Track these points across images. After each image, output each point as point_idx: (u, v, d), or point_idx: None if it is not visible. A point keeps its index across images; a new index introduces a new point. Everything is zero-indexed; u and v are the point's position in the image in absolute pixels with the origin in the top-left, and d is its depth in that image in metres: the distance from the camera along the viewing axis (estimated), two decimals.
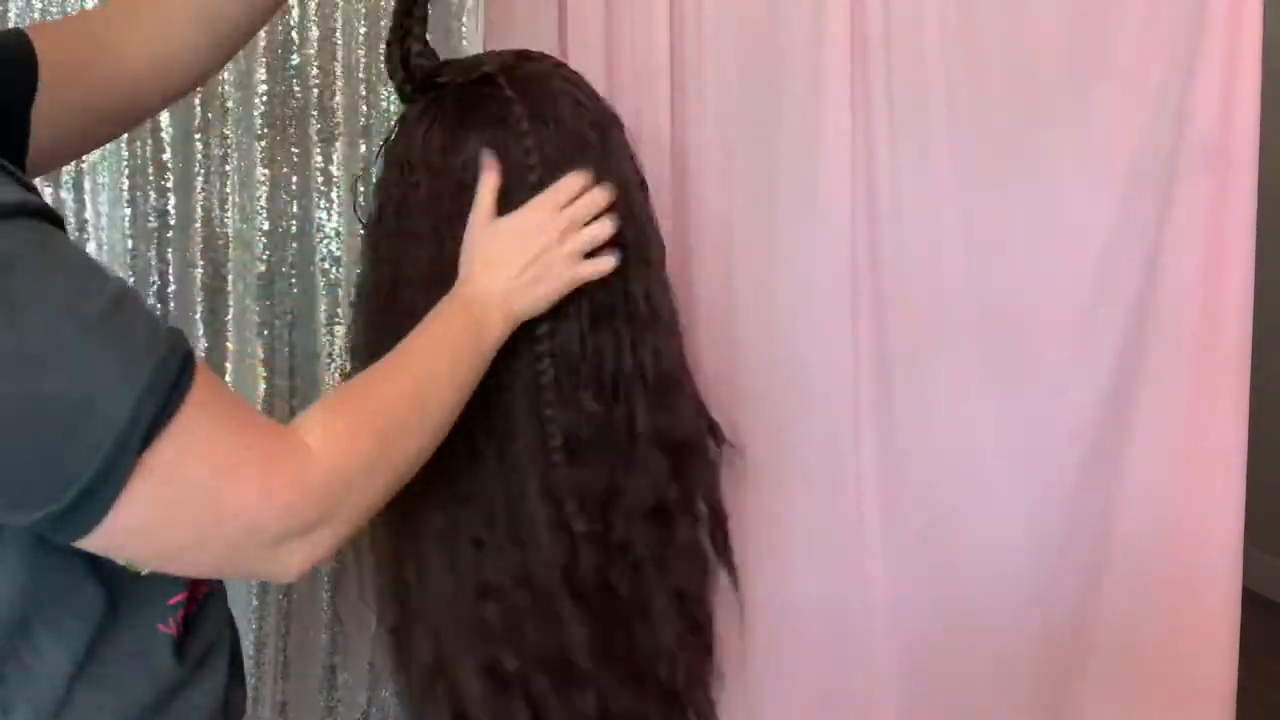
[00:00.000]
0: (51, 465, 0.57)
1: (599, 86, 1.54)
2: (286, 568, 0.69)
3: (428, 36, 1.00)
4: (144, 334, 0.61)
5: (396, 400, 0.78)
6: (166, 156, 1.57)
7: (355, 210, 1.09)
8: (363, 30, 1.59)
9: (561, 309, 0.94)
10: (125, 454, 0.59)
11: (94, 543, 0.61)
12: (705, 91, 1.60)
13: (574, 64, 1.56)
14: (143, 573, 0.71)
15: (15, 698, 0.66)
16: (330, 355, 1.63)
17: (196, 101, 1.56)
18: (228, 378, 1.59)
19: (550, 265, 0.91)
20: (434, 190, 0.95)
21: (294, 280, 1.61)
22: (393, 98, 1.53)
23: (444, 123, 0.95)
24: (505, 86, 0.96)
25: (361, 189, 1.22)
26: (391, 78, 1.00)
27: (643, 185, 1.07)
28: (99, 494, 0.59)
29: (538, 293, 0.91)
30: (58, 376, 0.57)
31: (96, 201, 1.56)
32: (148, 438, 0.59)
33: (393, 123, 1.02)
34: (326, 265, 1.61)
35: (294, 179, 1.59)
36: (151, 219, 1.57)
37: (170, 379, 0.61)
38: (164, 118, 1.55)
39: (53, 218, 0.61)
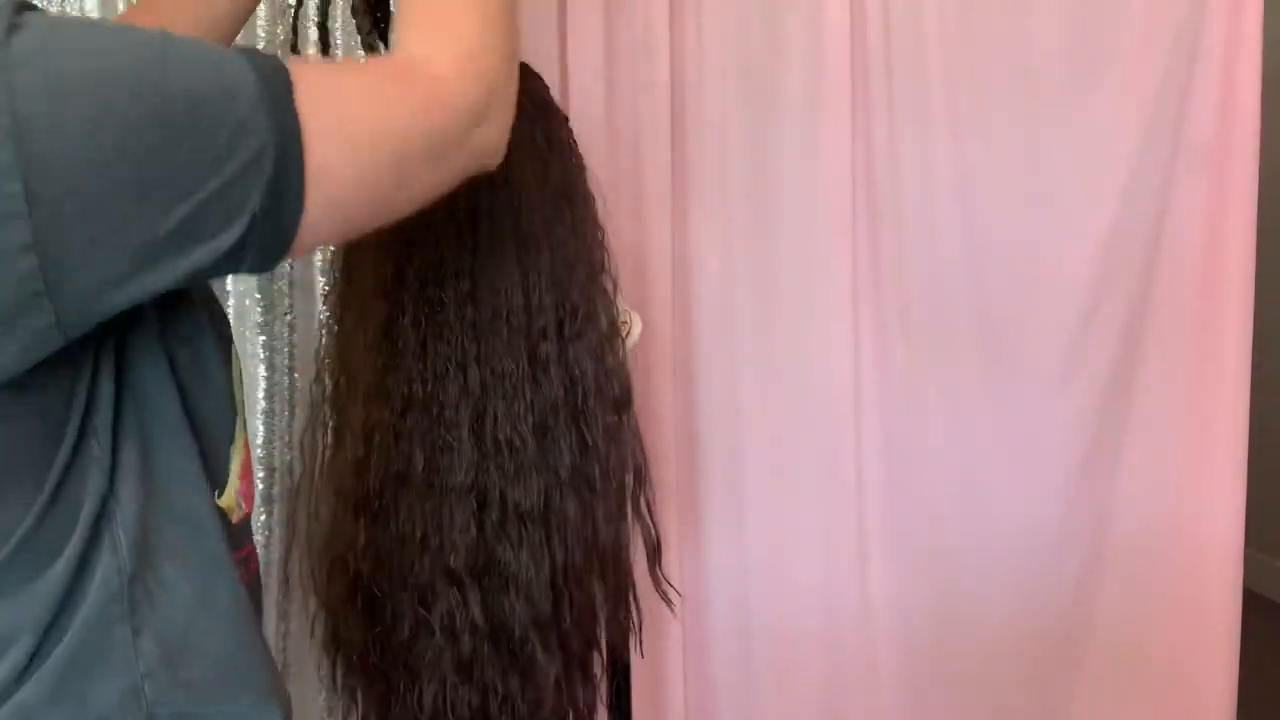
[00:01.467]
0: (229, 154, 0.54)
1: (598, 88, 1.56)
2: (490, 150, 0.69)
3: None
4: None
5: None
6: None
7: None
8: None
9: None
10: (280, 102, 0.56)
11: (307, 218, 0.58)
12: (705, 92, 1.60)
13: (573, 64, 1.58)
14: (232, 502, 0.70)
15: (144, 625, 0.64)
16: None
17: None
18: None
19: None
20: None
21: (294, 281, 1.60)
22: None
23: None
24: None
25: None
26: None
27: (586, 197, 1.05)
28: (288, 151, 0.56)
29: None
30: (189, 74, 0.55)
31: None
32: (288, 91, 0.57)
33: None
34: (326, 265, 1.61)
35: None
36: None
37: (262, 56, 0.59)
38: None
39: None
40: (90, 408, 0.60)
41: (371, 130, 0.62)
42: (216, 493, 0.70)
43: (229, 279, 1.60)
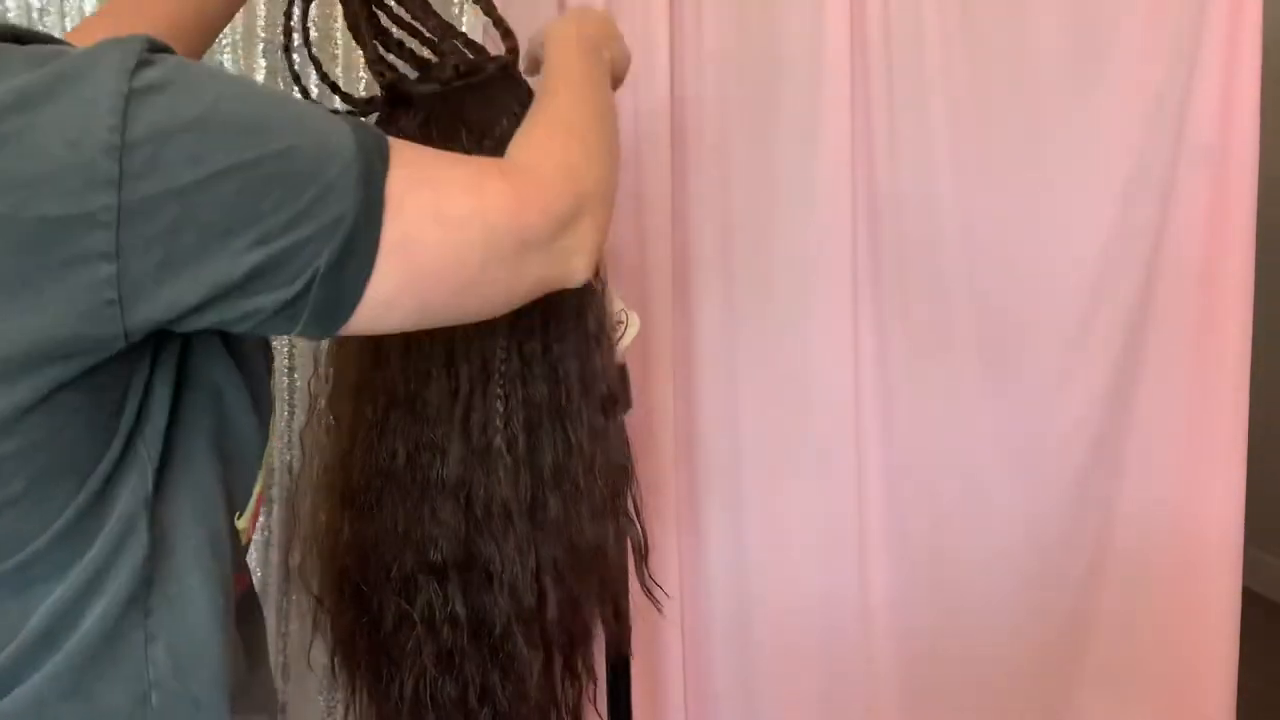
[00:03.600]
0: (310, 212, 0.57)
1: None
2: (573, 266, 0.73)
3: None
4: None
5: (568, 106, 0.81)
6: None
7: None
8: None
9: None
10: (372, 175, 0.59)
11: (376, 292, 0.60)
12: (705, 92, 1.60)
13: None
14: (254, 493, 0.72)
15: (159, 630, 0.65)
16: None
17: None
18: None
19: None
20: None
21: None
22: None
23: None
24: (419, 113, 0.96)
25: None
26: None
27: None
28: (366, 222, 0.58)
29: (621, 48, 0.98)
30: (293, 129, 0.58)
31: None
32: (384, 164, 0.60)
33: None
34: None
35: None
36: None
37: (366, 126, 0.62)
38: None
39: None
40: (143, 413, 0.62)
41: (462, 216, 0.64)
42: (238, 514, 0.71)
43: None
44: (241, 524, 0.72)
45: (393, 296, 0.61)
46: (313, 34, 1.16)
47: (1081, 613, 1.75)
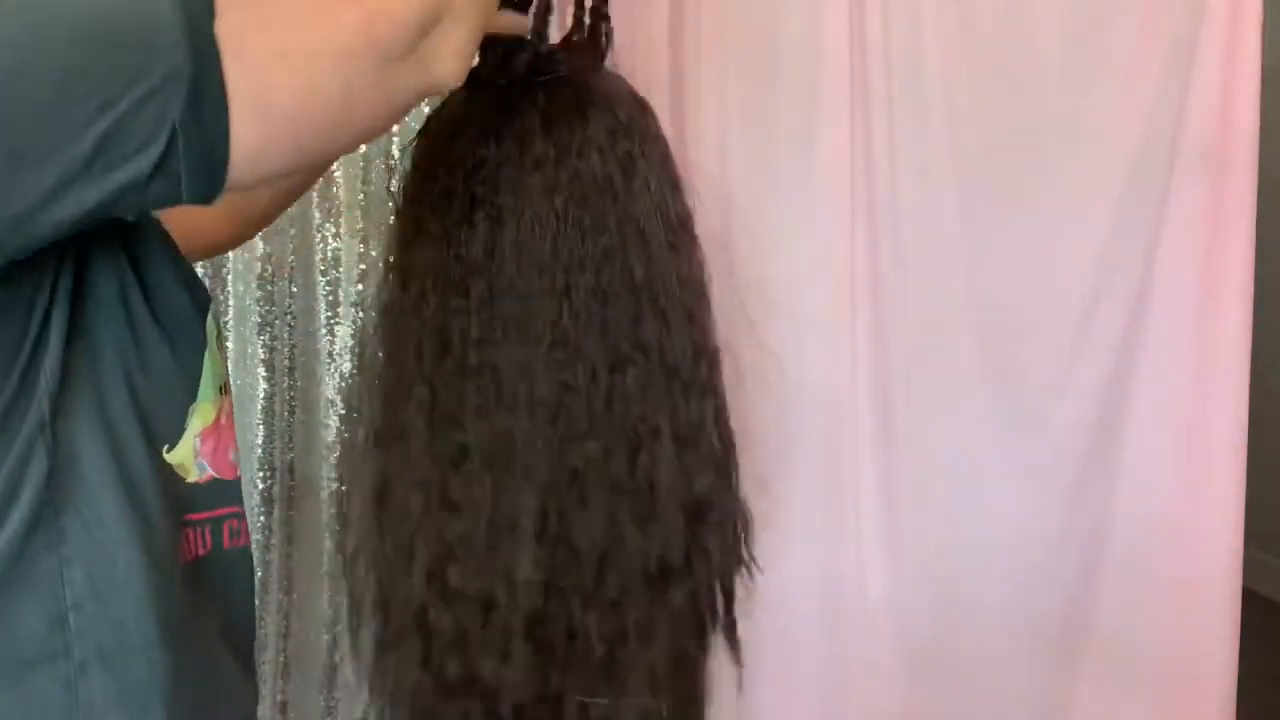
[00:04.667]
0: (143, 69, 0.56)
1: None
2: (440, 71, 0.69)
3: None
4: None
5: None
6: None
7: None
8: None
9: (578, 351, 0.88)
10: (197, 22, 0.57)
11: (241, 143, 0.59)
12: (705, 92, 1.60)
13: None
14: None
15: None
16: (330, 355, 1.63)
17: None
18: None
19: None
20: (446, 189, 0.88)
21: (294, 280, 1.61)
22: None
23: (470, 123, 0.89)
24: (540, 98, 0.90)
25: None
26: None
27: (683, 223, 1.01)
28: (204, 71, 0.57)
29: None
30: None
31: None
32: (209, 10, 0.58)
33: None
34: (326, 265, 1.61)
35: None
36: None
37: None
38: None
39: None
40: (42, 338, 0.63)
41: (309, 48, 0.62)
42: (166, 447, 0.71)
43: (229, 279, 1.60)
44: (174, 458, 0.71)
45: (261, 146, 0.60)
46: None
47: (1081, 612, 1.75)
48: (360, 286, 1.62)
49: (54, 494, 0.64)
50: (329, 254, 1.62)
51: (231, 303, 1.59)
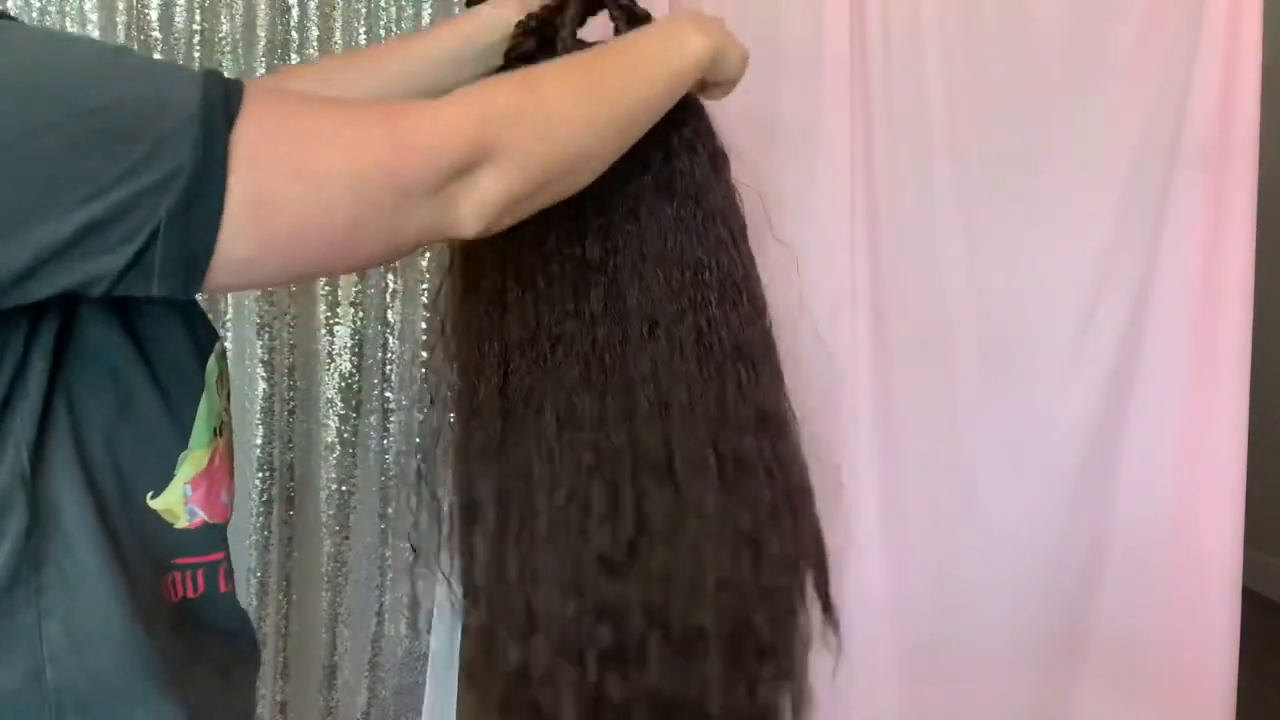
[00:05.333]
0: (143, 166, 0.55)
1: None
2: (458, 216, 0.66)
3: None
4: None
5: (554, 75, 0.74)
6: None
7: None
8: (362, 30, 1.59)
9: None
10: (214, 127, 0.56)
11: (232, 250, 0.57)
12: None
13: None
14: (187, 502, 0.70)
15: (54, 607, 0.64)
16: (330, 355, 1.63)
17: None
18: None
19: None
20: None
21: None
22: None
23: None
24: None
25: None
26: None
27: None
28: (207, 175, 0.56)
29: (731, 44, 0.89)
30: (124, 83, 0.56)
31: None
32: (229, 117, 0.57)
33: None
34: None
35: None
36: None
37: (220, 78, 0.59)
38: None
39: None
40: (17, 388, 0.61)
41: (328, 170, 0.60)
42: (150, 494, 0.70)
43: None
44: (160, 505, 0.70)
45: (253, 255, 0.59)
46: None
47: (1081, 613, 1.75)
48: (360, 286, 1.62)
49: (34, 547, 0.62)
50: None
51: (231, 303, 1.59)
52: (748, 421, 0.90)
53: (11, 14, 0.57)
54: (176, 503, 0.72)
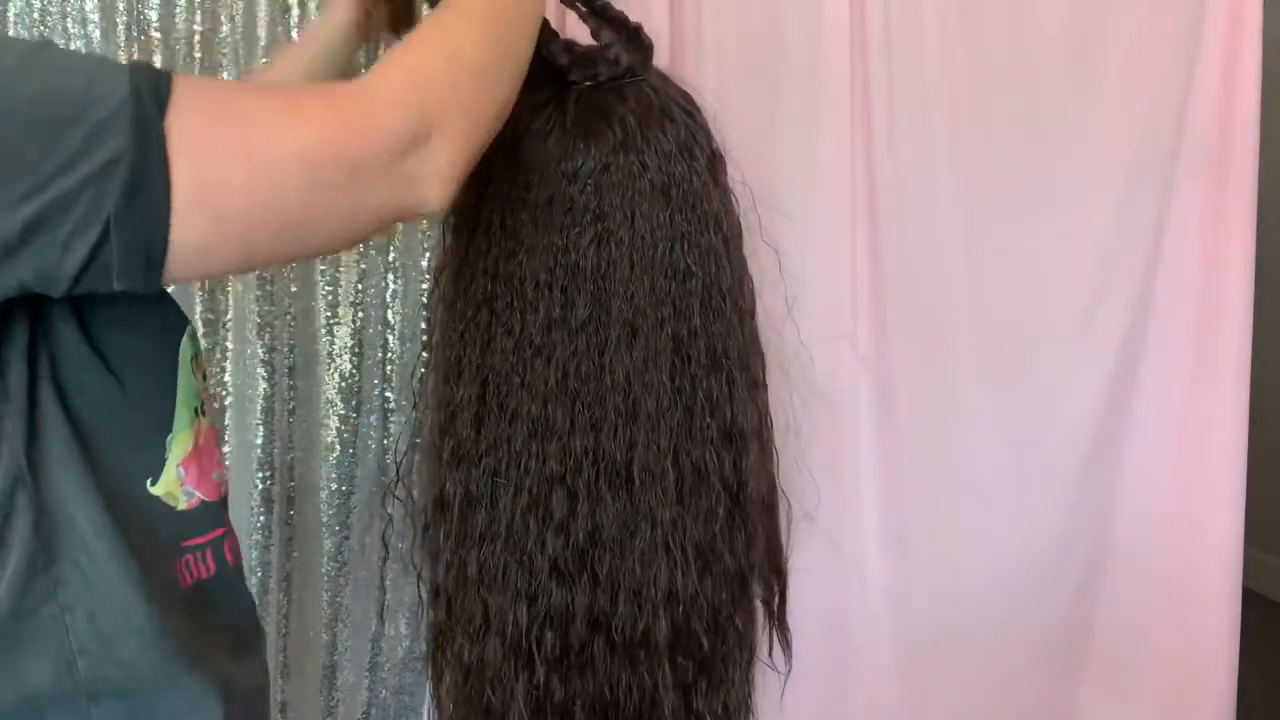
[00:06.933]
0: (80, 157, 0.55)
1: None
2: (422, 192, 0.66)
3: None
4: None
5: (463, 26, 0.73)
6: None
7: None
8: None
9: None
10: (146, 113, 0.56)
11: (185, 237, 0.57)
12: (704, 91, 1.60)
13: None
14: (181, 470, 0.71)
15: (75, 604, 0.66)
16: (330, 355, 1.63)
17: None
18: (227, 378, 1.59)
19: None
20: (546, 196, 0.86)
21: (294, 281, 1.60)
22: None
23: (563, 127, 0.87)
24: (631, 100, 0.91)
25: None
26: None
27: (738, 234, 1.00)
28: (147, 163, 0.56)
29: None
30: (52, 77, 0.56)
31: None
32: (160, 103, 0.57)
33: None
34: (326, 265, 1.61)
35: None
36: None
37: (148, 68, 0.59)
38: None
39: None
40: (2, 391, 0.62)
41: (273, 152, 0.60)
42: (150, 481, 0.71)
43: (229, 279, 1.59)
44: (159, 490, 0.71)
45: (206, 241, 0.59)
46: None
47: (1081, 612, 1.75)
48: (360, 286, 1.62)
49: (44, 544, 0.63)
50: (329, 255, 1.61)
51: (231, 303, 1.59)
52: (712, 434, 0.90)
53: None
54: (173, 485, 0.73)
